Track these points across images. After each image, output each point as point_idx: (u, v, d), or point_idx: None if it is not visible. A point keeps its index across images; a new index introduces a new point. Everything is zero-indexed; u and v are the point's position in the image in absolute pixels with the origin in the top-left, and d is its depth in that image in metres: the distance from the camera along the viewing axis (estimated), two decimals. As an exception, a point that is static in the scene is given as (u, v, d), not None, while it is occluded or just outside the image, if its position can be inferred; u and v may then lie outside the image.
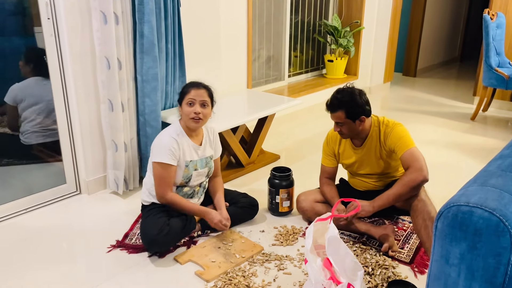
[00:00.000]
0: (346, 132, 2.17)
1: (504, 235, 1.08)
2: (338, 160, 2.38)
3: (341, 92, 2.14)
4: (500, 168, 1.35)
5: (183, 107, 2.15)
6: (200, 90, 2.15)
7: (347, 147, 2.31)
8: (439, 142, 3.75)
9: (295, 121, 4.33)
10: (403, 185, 2.01)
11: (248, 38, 3.97)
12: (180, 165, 2.17)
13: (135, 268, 2.03)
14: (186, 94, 2.14)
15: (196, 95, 2.13)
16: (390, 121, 2.21)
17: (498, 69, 4.05)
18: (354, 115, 2.11)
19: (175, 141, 2.14)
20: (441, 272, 1.20)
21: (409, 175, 2.01)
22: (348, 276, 1.56)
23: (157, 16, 2.60)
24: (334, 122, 2.18)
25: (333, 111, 2.13)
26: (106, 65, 2.49)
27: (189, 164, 2.19)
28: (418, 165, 2.01)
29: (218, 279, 1.93)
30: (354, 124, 2.14)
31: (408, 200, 2.05)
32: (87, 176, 2.72)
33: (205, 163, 2.27)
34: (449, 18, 7.11)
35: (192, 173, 2.21)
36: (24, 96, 2.92)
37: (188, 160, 2.19)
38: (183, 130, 2.20)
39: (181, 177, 2.19)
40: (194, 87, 2.15)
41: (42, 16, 2.41)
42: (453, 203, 1.16)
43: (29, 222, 2.45)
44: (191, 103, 2.13)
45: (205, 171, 2.28)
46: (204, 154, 2.27)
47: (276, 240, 2.25)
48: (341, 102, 2.11)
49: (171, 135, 2.16)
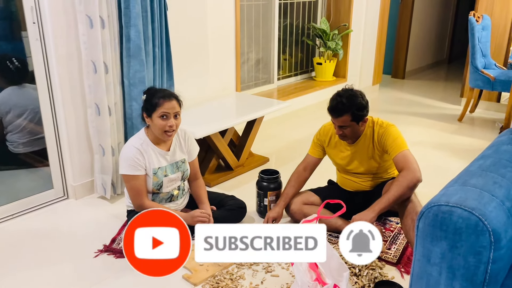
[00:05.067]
0: (349, 134, 2.16)
1: (484, 234, 1.10)
2: (326, 152, 2.38)
3: (344, 95, 2.11)
4: (481, 168, 1.37)
5: (155, 119, 2.09)
6: (172, 102, 2.09)
7: (339, 142, 2.31)
8: (426, 143, 3.78)
9: (285, 124, 4.34)
10: (403, 186, 2.01)
11: (236, 41, 3.98)
12: (148, 174, 2.15)
13: (122, 273, 2.02)
14: (157, 107, 2.07)
15: (169, 107, 2.08)
16: (384, 122, 2.23)
17: (484, 71, 4.10)
18: (359, 118, 2.12)
19: (138, 151, 2.11)
20: (423, 272, 1.22)
21: (406, 176, 2.03)
22: (334, 277, 1.56)
23: (143, 20, 2.60)
24: (336, 126, 2.16)
25: (339, 116, 2.10)
26: (93, 69, 2.48)
27: (157, 172, 2.17)
28: (412, 167, 2.03)
29: (206, 282, 1.93)
30: (358, 126, 2.15)
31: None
32: (74, 180, 2.71)
33: (176, 167, 2.24)
34: (437, 20, 7.19)
35: (162, 180, 2.18)
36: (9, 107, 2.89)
37: (156, 167, 2.16)
38: (148, 138, 2.17)
39: (151, 185, 2.18)
40: (165, 99, 2.08)
41: (27, 20, 2.39)
42: (434, 203, 1.18)
43: (15, 228, 2.42)
44: (165, 116, 2.08)
45: (178, 175, 2.25)
46: (174, 159, 2.24)
47: (264, 243, 2.26)
48: (347, 106, 2.08)
49: (134, 145, 2.13)
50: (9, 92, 2.91)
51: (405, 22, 6.39)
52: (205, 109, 3.30)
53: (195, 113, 3.13)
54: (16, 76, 2.87)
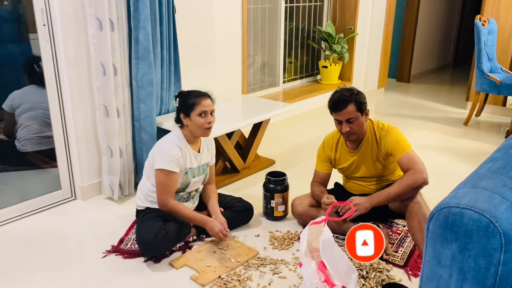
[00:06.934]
0: (357, 129, 2.15)
1: (494, 236, 1.10)
2: (334, 166, 2.39)
3: (342, 90, 2.15)
4: (490, 170, 1.37)
5: (194, 118, 2.15)
6: (208, 100, 2.18)
7: (343, 152, 2.33)
8: (432, 147, 3.78)
9: (290, 127, 4.35)
10: (405, 185, 2.02)
11: (243, 44, 3.99)
12: (181, 172, 2.20)
13: (130, 273, 2.03)
14: (195, 106, 2.14)
15: (207, 105, 2.16)
16: (385, 125, 2.24)
17: (490, 75, 4.10)
18: (362, 108, 2.14)
19: (180, 149, 2.17)
20: (433, 273, 1.22)
21: (410, 176, 2.03)
22: (342, 279, 1.57)
23: (152, 23, 2.62)
24: (343, 122, 2.13)
25: (344, 107, 2.10)
26: (102, 71, 2.50)
27: (188, 171, 2.22)
28: (418, 167, 2.03)
29: (214, 283, 1.93)
30: (362, 119, 2.16)
31: (403, 202, 2.07)
32: (82, 182, 2.72)
33: (202, 170, 2.31)
34: (442, 24, 7.19)
35: (190, 180, 2.24)
36: (20, 102, 2.92)
37: (188, 167, 2.22)
38: (185, 138, 2.22)
39: (179, 183, 2.21)
40: (201, 98, 2.17)
41: (37, 23, 2.42)
42: (444, 205, 1.18)
43: (23, 228, 2.44)
44: (203, 113, 2.15)
45: (202, 178, 2.32)
46: (201, 161, 2.30)
47: (271, 245, 2.26)
48: (349, 96, 2.11)
49: (175, 143, 2.18)
50: (28, 89, 2.93)
51: (410, 26, 6.40)
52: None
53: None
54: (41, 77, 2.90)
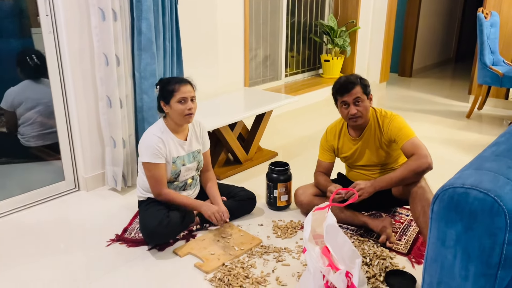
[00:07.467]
0: (363, 111, 2.17)
1: (499, 215, 1.10)
2: (337, 155, 2.40)
3: (346, 75, 2.22)
4: (495, 153, 1.37)
5: (173, 105, 2.13)
6: (187, 86, 2.16)
7: (345, 140, 2.33)
8: (434, 139, 3.78)
9: (292, 120, 4.35)
10: (409, 170, 2.03)
11: (245, 37, 3.99)
12: (168, 162, 2.19)
13: (135, 261, 2.04)
14: (175, 92, 2.12)
15: (186, 91, 2.14)
16: (388, 112, 2.24)
17: (493, 67, 4.09)
18: (367, 91, 2.17)
19: (160, 140, 2.15)
20: (438, 255, 1.22)
21: (415, 161, 2.03)
22: (346, 264, 1.57)
23: (155, 14, 2.62)
24: (351, 104, 2.14)
25: (352, 88, 2.13)
26: (105, 62, 2.51)
27: (176, 160, 2.21)
28: (422, 152, 2.04)
29: (218, 271, 1.94)
30: (367, 103, 2.18)
31: (407, 187, 2.07)
32: (86, 172, 2.73)
33: (192, 157, 2.29)
34: (444, 19, 7.17)
35: (180, 169, 2.23)
36: (20, 100, 2.92)
37: (175, 156, 2.21)
38: (167, 128, 2.21)
39: (169, 173, 2.21)
40: (181, 84, 2.14)
41: (40, 13, 2.42)
42: (449, 186, 1.18)
43: (27, 218, 2.45)
44: (183, 100, 2.13)
45: (194, 165, 2.30)
46: (190, 148, 2.29)
47: (275, 233, 2.27)
48: (355, 78, 2.16)
49: (155, 133, 2.17)
50: (25, 85, 2.93)
51: (412, 20, 6.38)
52: (215, 103, 3.32)
53: (204, 107, 3.15)
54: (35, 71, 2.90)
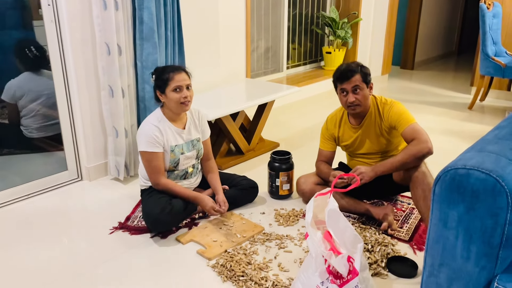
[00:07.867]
0: (362, 100, 2.17)
1: (501, 195, 1.10)
2: (338, 143, 2.40)
3: (347, 63, 2.21)
4: (497, 137, 1.37)
5: (169, 94, 2.13)
6: (182, 74, 2.15)
7: (346, 129, 2.33)
8: (436, 130, 3.77)
9: (294, 112, 4.35)
10: (410, 155, 2.03)
11: (247, 28, 3.98)
12: (166, 151, 2.19)
13: (138, 248, 2.05)
14: (169, 81, 2.12)
15: (181, 79, 2.13)
16: (388, 99, 2.24)
17: (495, 58, 4.08)
18: (367, 80, 2.17)
19: (157, 128, 2.16)
20: (440, 236, 1.23)
21: (415, 145, 2.03)
22: (348, 249, 1.58)
23: (156, 3, 2.62)
24: (349, 92, 2.15)
25: (352, 75, 2.13)
26: (106, 51, 2.51)
27: (174, 149, 2.21)
28: (423, 137, 2.04)
29: (220, 257, 1.95)
30: (367, 91, 2.18)
31: (408, 172, 2.07)
32: (88, 162, 2.74)
33: (191, 145, 2.29)
34: (446, 11, 7.14)
35: (179, 157, 2.23)
36: (22, 92, 2.92)
37: (173, 145, 2.21)
38: (164, 116, 2.21)
39: (168, 162, 2.21)
40: (175, 72, 2.14)
41: (42, 2, 2.42)
42: (451, 167, 1.19)
43: (30, 207, 2.46)
44: (178, 88, 2.12)
45: (193, 153, 2.30)
46: (189, 137, 2.28)
47: (277, 221, 2.28)
48: (355, 66, 2.16)
49: (152, 122, 2.17)
50: (25, 77, 2.94)
51: (414, 13, 6.35)
52: (216, 93, 3.32)
53: (206, 97, 3.16)
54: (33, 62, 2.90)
